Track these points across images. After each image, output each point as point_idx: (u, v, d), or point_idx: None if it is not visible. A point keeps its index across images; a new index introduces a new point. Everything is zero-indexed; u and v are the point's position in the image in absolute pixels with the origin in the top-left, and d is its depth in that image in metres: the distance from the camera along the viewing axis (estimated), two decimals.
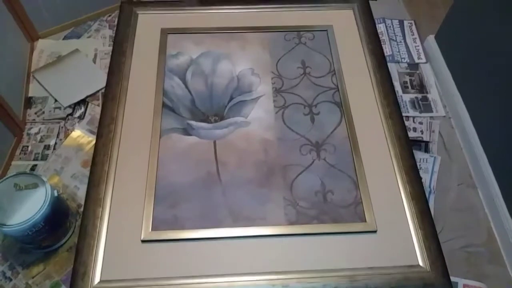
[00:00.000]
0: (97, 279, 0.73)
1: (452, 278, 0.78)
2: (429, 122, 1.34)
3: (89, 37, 1.56)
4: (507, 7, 1.16)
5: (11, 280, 0.96)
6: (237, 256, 0.76)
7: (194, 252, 0.76)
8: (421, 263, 0.77)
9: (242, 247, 0.77)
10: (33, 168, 1.15)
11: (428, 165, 1.23)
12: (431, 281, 0.75)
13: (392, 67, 1.46)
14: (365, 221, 0.80)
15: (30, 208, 0.86)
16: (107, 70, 0.99)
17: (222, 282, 0.73)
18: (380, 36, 1.12)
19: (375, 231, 0.79)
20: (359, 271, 0.75)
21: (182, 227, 0.79)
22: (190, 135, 0.90)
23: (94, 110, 1.28)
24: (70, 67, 1.43)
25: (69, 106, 1.31)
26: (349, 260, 0.76)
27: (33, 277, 0.96)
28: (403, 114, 1.07)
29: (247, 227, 0.79)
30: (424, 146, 1.28)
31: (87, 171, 0.84)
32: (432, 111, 1.37)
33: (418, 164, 0.93)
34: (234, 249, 0.77)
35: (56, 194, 0.90)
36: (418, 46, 1.55)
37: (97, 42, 1.54)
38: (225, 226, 0.79)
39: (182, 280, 0.73)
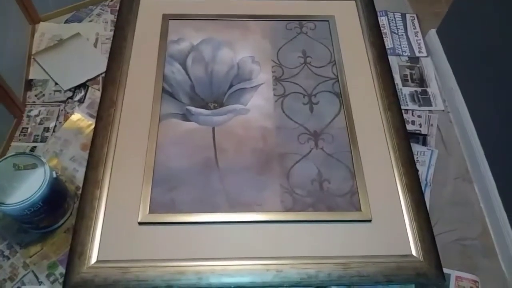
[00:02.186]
0: (93, 259, 0.74)
1: (445, 270, 0.79)
2: (428, 115, 1.34)
3: (90, 21, 1.55)
4: (509, 2, 1.16)
5: (9, 258, 0.97)
6: (233, 240, 0.77)
7: (190, 235, 0.77)
8: (414, 253, 0.77)
9: (238, 232, 0.78)
10: (32, 150, 1.15)
11: (425, 158, 1.24)
12: (423, 271, 0.76)
13: (393, 60, 1.46)
14: (360, 210, 0.81)
15: (29, 188, 0.87)
16: (108, 55, 0.99)
17: (217, 266, 0.74)
18: (382, 29, 1.12)
19: (370, 221, 0.80)
20: (353, 259, 0.76)
21: (179, 211, 0.79)
22: (189, 120, 0.91)
23: (94, 94, 1.28)
24: (71, 51, 1.43)
25: (69, 90, 1.31)
26: (343, 248, 0.77)
27: (30, 257, 0.97)
28: (402, 107, 1.08)
29: (244, 213, 0.80)
30: (422, 139, 1.28)
31: (86, 154, 0.85)
32: (431, 105, 1.37)
33: (415, 157, 0.93)
34: (230, 234, 0.78)
35: (55, 175, 0.91)
36: (419, 39, 1.55)
37: (99, 26, 1.53)
38: (222, 211, 0.80)
39: (178, 263, 0.74)
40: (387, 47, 1.10)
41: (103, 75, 1.19)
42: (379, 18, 1.12)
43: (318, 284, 0.74)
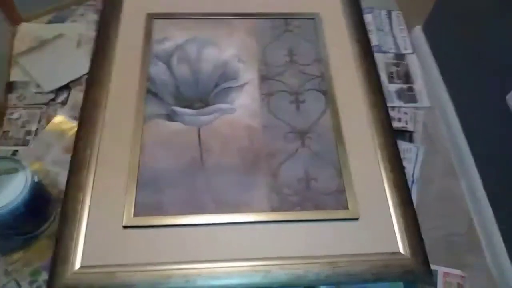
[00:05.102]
0: (77, 265, 0.72)
1: (433, 266, 0.79)
2: (414, 112, 1.34)
3: (73, 21, 1.52)
4: None
5: None
6: (220, 242, 0.76)
7: (176, 238, 0.76)
8: (402, 251, 0.77)
9: (225, 233, 0.77)
10: (14, 153, 1.12)
11: (412, 155, 1.24)
12: (411, 268, 0.76)
13: (379, 57, 1.46)
14: (348, 208, 0.81)
15: (10, 193, 0.84)
16: (91, 56, 0.98)
17: (205, 268, 0.73)
18: (367, 26, 1.12)
19: (357, 219, 0.80)
20: (341, 258, 0.76)
21: (165, 213, 0.78)
22: (174, 121, 0.89)
23: (78, 95, 1.25)
24: (53, 52, 1.40)
25: (52, 91, 1.28)
26: (331, 247, 0.77)
27: (12, 264, 0.95)
28: (389, 104, 1.08)
29: (230, 214, 0.79)
30: (408, 136, 1.29)
31: (69, 158, 0.83)
32: (417, 102, 1.38)
33: (402, 154, 0.93)
34: (217, 236, 0.77)
35: (36, 179, 0.89)
36: (405, 37, 1.55)
37: (82, 27, 1.50)
38: (208, 212, 0.79)
39: (164, 266, 0.73)
40: (373, 44, 1.09)
41: (86, 76, 1.16)
42: (364, 15, 1.12)
43: (307, 284, 0.74)
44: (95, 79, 0.94)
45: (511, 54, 1.11)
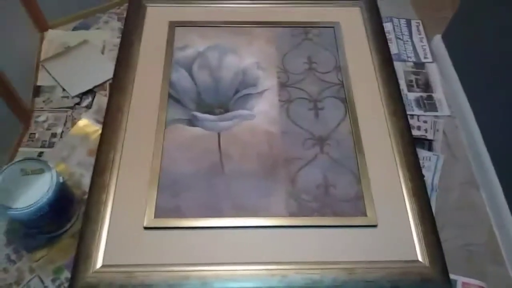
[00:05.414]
0: (99, 264, 0.74)
1: (452, 276, 0.78)
2: (434, 121, 1.34)
3: (98, 28, 1.57)
4: None
5: (15, 263, 0.98)
6: (238, 246, 0.77)
7: (195, 240, 0.77)
8: (420, 259, 0.77)
9: (243, 237, 0.78)
10: (40, 155, 1.16)
11: (431, 163, 1.23)
12: (429, 276, 0.75)
13: (398, 66, 1.46)
14: (366, 215, 0.81)
15: (36, 193, 0.87)
16: (115, 61, 1.01)
17: (222, 271, 0.74)
18: (387, 35, 1.13)
19: (375, 226, 0.80)
20: (358, 264, 0.76)
21: (185, 216, 0.80)
22: (195, 126, 0.91)
23: (102, 100, 1.29)
24: (78, 58, 1.45)
25: (77, 96, 1.32)
26: (348, 253, 0.77)
27: (36, 261, 0.98)
28: (408, 113, 1.08)
29: (249, 218, 0.80)
30: (428, 144, 1.28)
31: (92, 160, 0.86)
32: (436, 110, 1.37)
33: (421, 162, 0.93)
34: (235, 239, 0.78)
35: (61, 180, 0.92)
36: (424, 45, 1.55)
37: (106, 33, 1.55)
38: (227, 216, 0.80)
39: (183, 267, 0.74)
40: (392, 52, 1.10)
41: (110, 81, 1.20)
42: (384, 24, 1.13)
43: None
44: (119, 85, 0.96)
45: None
